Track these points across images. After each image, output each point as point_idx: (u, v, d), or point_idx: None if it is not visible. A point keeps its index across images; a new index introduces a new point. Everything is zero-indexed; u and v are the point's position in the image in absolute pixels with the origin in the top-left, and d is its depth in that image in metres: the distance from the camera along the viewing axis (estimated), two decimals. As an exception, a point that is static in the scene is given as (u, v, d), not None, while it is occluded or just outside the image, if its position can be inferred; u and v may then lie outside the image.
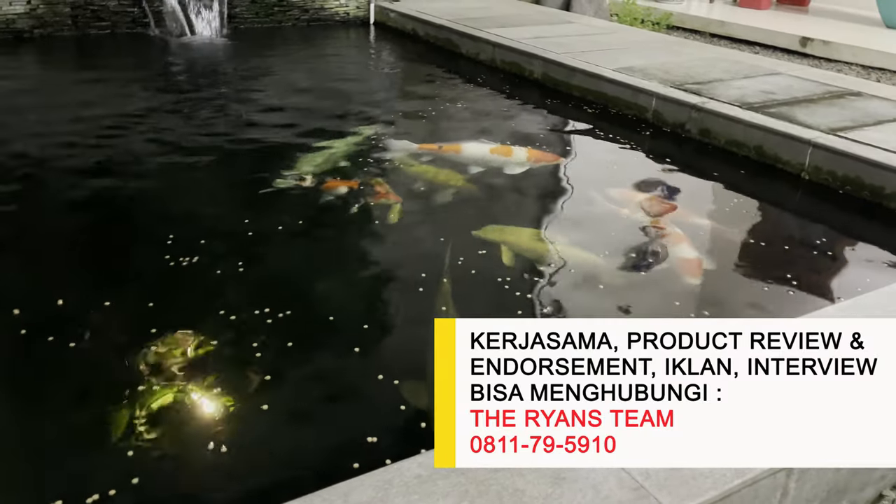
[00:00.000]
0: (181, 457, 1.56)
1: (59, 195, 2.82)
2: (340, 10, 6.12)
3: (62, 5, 5.07)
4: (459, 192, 2.88)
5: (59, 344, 1.85)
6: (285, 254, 2.41)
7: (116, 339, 1.89)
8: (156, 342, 1.83)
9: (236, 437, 1.59)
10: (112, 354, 1.83)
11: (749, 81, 4.03)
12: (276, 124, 3.63)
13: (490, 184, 3.03)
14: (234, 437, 1.59)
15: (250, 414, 1.66)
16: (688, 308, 2.20)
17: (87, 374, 1.78)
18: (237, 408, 1.68)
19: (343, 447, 1.58)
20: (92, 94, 4.08)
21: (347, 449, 1.56)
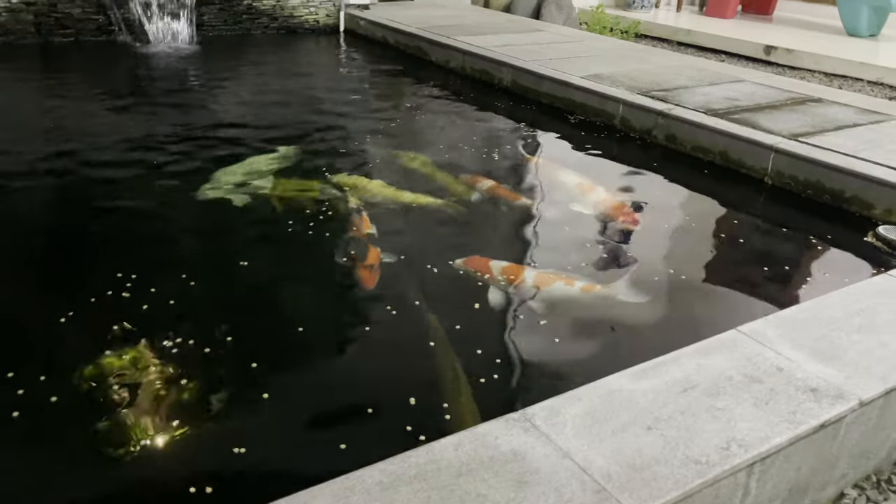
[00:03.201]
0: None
1: (10, 202, 2.77)
2: (310, 18, 6.11)
3: (25, 13, 4.99)
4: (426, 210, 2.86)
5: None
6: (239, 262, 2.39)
7: (69, 351, 1.86)
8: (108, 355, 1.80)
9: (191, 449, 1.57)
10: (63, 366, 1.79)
11: (714, 88, 4.09)
12: (228, 136, 3.58)
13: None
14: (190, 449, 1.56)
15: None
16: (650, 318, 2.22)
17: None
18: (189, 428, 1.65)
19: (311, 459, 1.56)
20: (52, 102, 4.01)
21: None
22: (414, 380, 1.80)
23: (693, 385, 1.49)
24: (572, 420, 1.36)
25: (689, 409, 1.41)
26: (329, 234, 2.54)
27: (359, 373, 1.87)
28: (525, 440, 1.30)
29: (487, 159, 3.43)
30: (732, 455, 1.30)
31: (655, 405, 1.42)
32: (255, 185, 2.89)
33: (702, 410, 1.41)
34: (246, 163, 3.12)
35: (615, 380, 1.49)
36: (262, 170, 3.05)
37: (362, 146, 3.56)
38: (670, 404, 1.42)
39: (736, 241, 2.82)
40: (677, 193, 3.25)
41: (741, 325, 1.72)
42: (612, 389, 1.46)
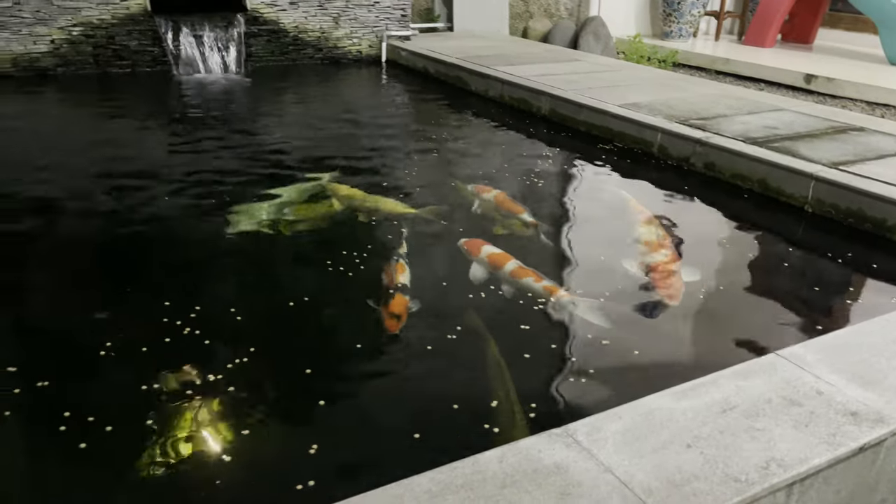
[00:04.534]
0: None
1: (70, 225, 2.91)
2: (353, 49, 6.29)
3: (85, 45, 5.25)
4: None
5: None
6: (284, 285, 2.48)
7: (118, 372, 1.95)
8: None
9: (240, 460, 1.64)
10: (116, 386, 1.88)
11: (752, 117, 4.11)
12: (272, 163, 3.70)
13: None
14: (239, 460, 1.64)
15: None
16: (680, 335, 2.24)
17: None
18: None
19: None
20: (108, 130, 4.22)
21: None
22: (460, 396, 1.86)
23: (732, 406, 1.52)
24: (613, 436, 1.40)
25: (728, 428, 1.44)
26: (369, 262, 2.62)
27: (406, 389, 1.93)
28: (567, 454, 1.35)
29: (527, 186, 3.50)
30: (772, 474, 1.33)
31: (695, 424, 1.45)
32: (299, 213, 2.99)
33: (741, 431, 1.44)
34: (291, 189, 3.23)
35: (655, 399, 1.53)
36: (305, 197, 3.16)
37: (403, 174, 3.65)
38: (710, 424, 1.46)
39: (776, 268, 2.82)
40: (716, 220, 3.27)
41: (780, 350, 1.74)
42: (652, 408, 1.50)
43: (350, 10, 6.17)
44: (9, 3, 4.95)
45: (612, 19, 8.49)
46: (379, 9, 6.28)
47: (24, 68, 5.12)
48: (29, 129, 4.18)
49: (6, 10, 4.96)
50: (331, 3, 6.05)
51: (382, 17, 6.33)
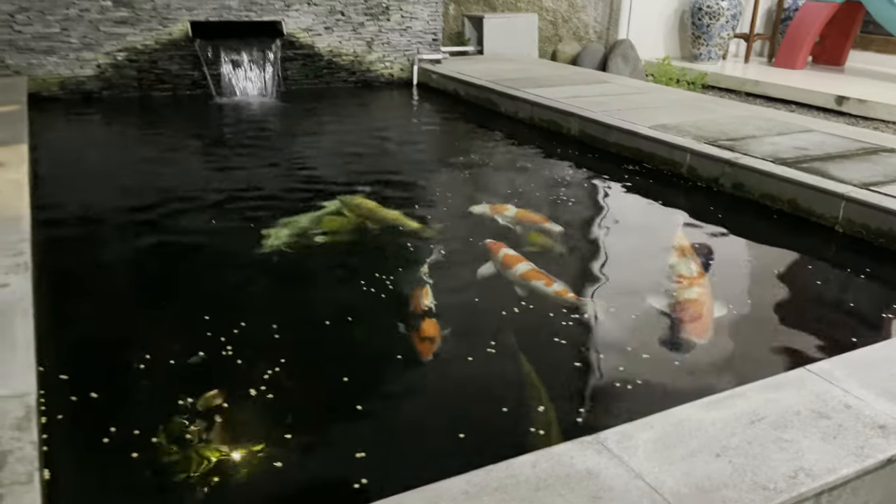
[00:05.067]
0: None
1: (115, 242, 3.04)
2: (385, 72, 6.44)
3: (129, 69, 5.45)
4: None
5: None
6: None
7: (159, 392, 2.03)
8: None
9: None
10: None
11: (782, 138, 4.13)
12: (305, 183, 3.81)
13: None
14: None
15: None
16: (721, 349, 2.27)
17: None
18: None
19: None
20: (148, 150, 4.39)
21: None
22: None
23: (761, 417, 1.55)
24: (644, 444, 1.45)
25: (756, 439, 1.48)
26: (398, 278, 2.69)
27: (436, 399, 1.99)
28: (599, 461, 1.40)
29: (557, 206, 3.56)
30: (800, 483, 1.36)
31: (724, 434, 1.49)
32: (328, 231, 3.07)
33: (769, 441, 1.47)
34: (320, 208, 3.31)
35: (685, 410, 1.57)
36: (335, 216, 3.25)
37: (432, 193, 3.74)
38: (739, 434, 1.49)
39: (806, 287, 2.84)
40: (746, 239, 3.29)
41: (809, 365, 1.77)
42: (681, 418, 1.54)
43: (383, 35, 6.32)
44: (57, 28, 5.17)
45: (640, 42, 8.55)
46: (411, 33, 6.43)
47: (71, 91, 5.33)
48: (74, 149, 4.35)
49: (55, 36, 5.18)
50: (364, 28, 6.21)
51: (414, 42, 6.47)
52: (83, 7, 5.17)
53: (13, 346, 1.67)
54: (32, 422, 1.42)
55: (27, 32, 5.10)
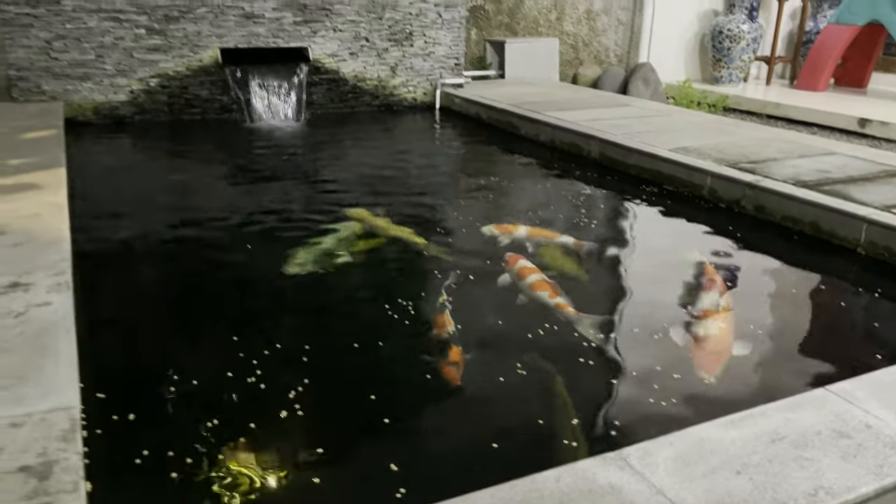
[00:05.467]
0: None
1: (145, 262, 3.14)
2: (409, 97, 6.55)
3: (160, 94, 5.62)
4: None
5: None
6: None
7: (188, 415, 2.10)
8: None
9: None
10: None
11: (803, 161, 4.15)
12: (330, 203, 3.89)
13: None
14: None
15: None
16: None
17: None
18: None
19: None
20: (179, 172, 4.52)
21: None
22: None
23: (781, 437, 1.58)
24: (664, 462, 1.48)
25: (777, 457, 1.50)
26: (419, 299, 2.75)
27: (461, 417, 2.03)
28: (621, 476, 1.43)
29: (577, 228, 3.60)
30: (820, 501, 1.38)
31: (745, 452, 1.52)
32: (351, 251, 3.14)
33: (790, 460, 1.50)
34: (343, 229, 3.38)
35: (705, 428, 1.60)
36: (358, 237, 3.32)
37: (457, 215, 3.80)
38: (759, 452, 1.52)
39: (827, 307, 2.85)
40: (767, 261, 3.31)
41: (830, 385, 1.79)
42: (702, 437, 1.57)
43: (407, 60, 6.44)
44: (93, 55, 5.35)
45: (661, 65, 8.61)
46: (434, 58, 6.55)
47: (105, 116, 5.50)
48: (107, 172, 4.49)
49: (91, 63, 5.36)
50: (388, 54, 6.34)
51: (437, 66, 6.59)
52: (118, 35, 5.35)
53: (57, 362, 1.75)
54: (77, 433, 1.49)
55: (63, 59, 5.28)
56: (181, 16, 5.50)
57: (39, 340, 1.85)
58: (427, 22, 6.42)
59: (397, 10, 6.26)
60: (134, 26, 5.38)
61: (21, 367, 1.72)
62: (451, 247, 3.31)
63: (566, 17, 8.41)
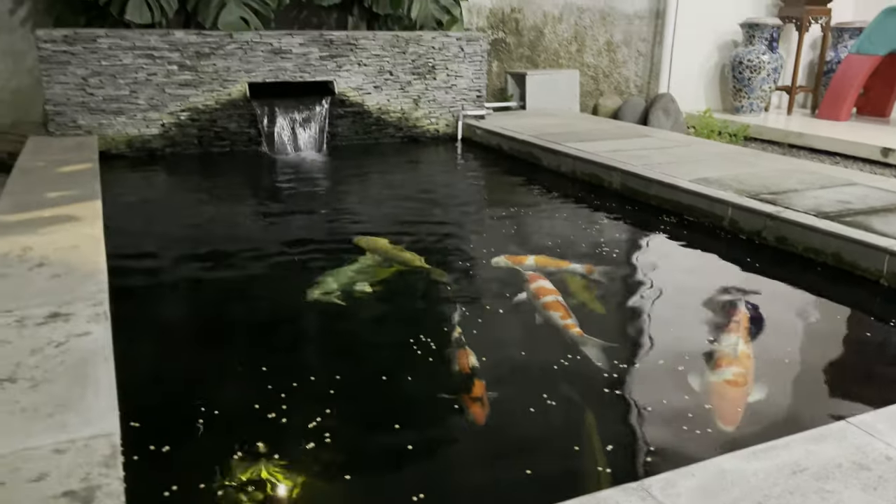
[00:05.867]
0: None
1: (174, 292, 3.23)
2: (431, 128, 6.67)
3: (190, 127, 5.78)
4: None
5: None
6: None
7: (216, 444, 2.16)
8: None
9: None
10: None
11: (825, 191, 4.17)
12: (352, 233, 3.97)
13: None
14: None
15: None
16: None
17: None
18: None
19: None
20: (208, 202, 4.65)
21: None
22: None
23: (802, 469, 1.60)
24: (686, 492, 1.51)
25: (798, 489, 1.52)
26: (441, 331, 2.80)
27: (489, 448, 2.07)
28: (643, 506, 1.46)
29: (597, 258, 3.64)
30: (841, 533, 1.40)
31: (766, 484, 1.54)
32: (372, 281, 3.20)
33: (811, 492, 1.52)
34: (364, 259, 3.45)
35: (727, 459, 1.63)
36: (377, 267, 3.38)
37: (478, 246, 3.86)
38: (780, 484, 1.54)
39: (849, 339, 2.85)
40: (790, 292, 3.32)
41: (851, 417, 1.81)
42: (724, 468, 1.60)
43: (429, 93, 6.58)
44: (127, 91, 5.54)
45: (681, 95, 8.67)
46: (456, 90, 6.68)
47: (137, 149, 5.67)
48: (139, 203, 4.63)
49: (124, 98, 5.55)
50: (411, 87, 6.48)
51: (459, 98, 6.71)
52: (151, 71, 5.53)
53: (97, 390, 1.82)
54: (117, 459, 1.55)
55: (99, 95, 5.47)
56: (212, 52, 5.69)
57: (80, 369, 1.93)
58: (449, 56, 6.56)
59: (420, 44, 6.41)
60: (167, 62, 5.57)
61: (63, 396, 1.79)
62: (472, 277, 3.37)
63: (586, 49, 8.53)
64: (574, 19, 8.36)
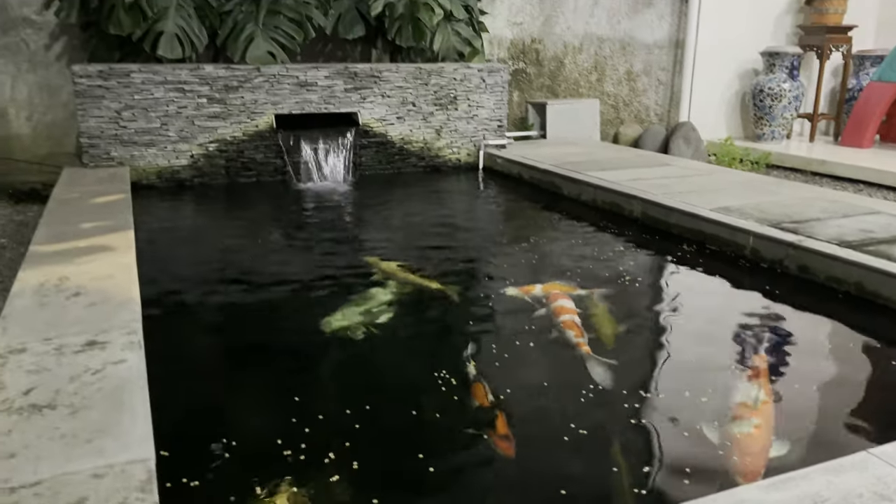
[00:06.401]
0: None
1: (199, 321, 3.31)
2: (453, 158, 6.77)
3: (218, 158, 5.94)
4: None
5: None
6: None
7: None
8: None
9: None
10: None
11: (847, 220, 4.17)
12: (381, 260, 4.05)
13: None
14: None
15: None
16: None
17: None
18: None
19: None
20: (235, 231, 4.76)
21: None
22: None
23: (823, 500, 1.61)
24: (707, 522, 1.53)
25: (818, 520, 1.54)
26: (461, 361, 2.84)
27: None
28: (663, 535, 1.49)
29: (617, 287, 3.67)
30: (862, 564, 1.41)
31: (786, 514, 1.56)
32: (399, 313, 3.26)
33: (831, 523, 1.53)
34: (385, 288, 3.51)
35: (747, 490, 1.65)
36: (398, 296, 3.44)
37: (498, 273, 3.91)
38: (800, 515, 1.56)
39: (871, 368, 2.84)
40: (812, 320, 3.32)
41: (872, 448, 1.82)
42: (744, 498, 1.62)
43: (451, 123, 6.69)
44: (158, 123, 5.71)
45: (702, 123, 8.70)
46: (477, 120, 6.78)
47: (167, 180, 5.82)
48: (168, 232, 4.75)
49: (156, 130, 5.72)
50: (434, 117, 6.60)
51: (480, 128, 6.81)
52: (182, 104, 5.71)
53: (133, 417, 1.89)
54: (153, 485, 1.61)
55: (131, 128, 5.64)
56: (240, 85, 5.85)
57: (116, 396, 2.00)
58: (471, 87, 6.68)
59: (442, 75, 6.54)
60: (196, 96, 5.74)
61: (101, 422, 1.86)
62: (492, 304, 3.41)
63: (606, 78, 8.61)
64: (594, 49, 8.47)
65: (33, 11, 6.17)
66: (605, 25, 8.44)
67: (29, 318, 2.55)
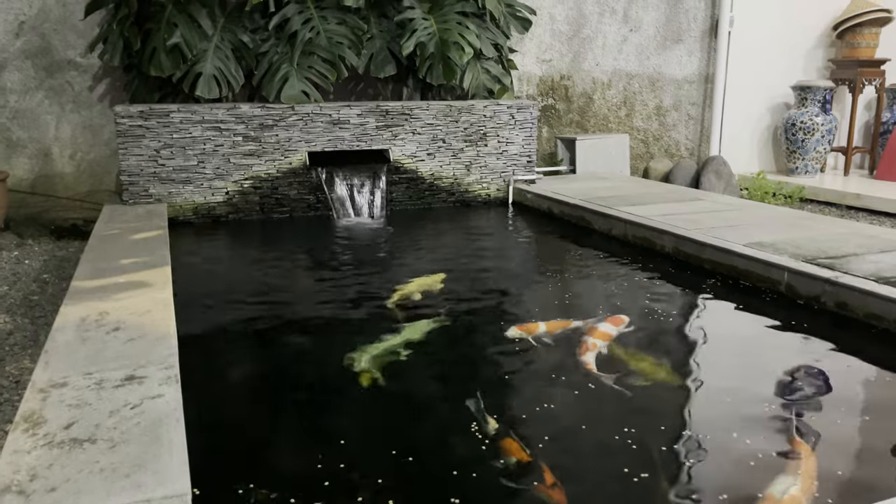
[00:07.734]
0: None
1: (232, 359, 3.35)
2: (482, 193, 6.82)
3: (252, 195, 6.06)
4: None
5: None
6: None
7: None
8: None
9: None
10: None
11: (884, 256, 4.10)
12: (406, 298, 4.08)
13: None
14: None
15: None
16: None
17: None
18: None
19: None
20: (268, 267, 4.83)
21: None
22: None
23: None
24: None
25: (862, 567, 1.50)
26: (492, 403, 2.83)
27: None
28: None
29: (649, 323, 3.64)
30: None
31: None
32: (428, 353, 3.27)
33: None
34: (413, 326, 3.52)
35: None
36: (426, 335, 3.45)
37: (529, 310, 3.91)
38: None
39: (918, 412, 2.77)
40: (851, 359, 3.25)
41: (917, 493, 1.77)
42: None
43: (481, 159, 6.76)
44: (195, 161, 5.86)
45: (733, 158, 8.67)
46: (506, 156, 6.84)
47: (203, 216, 5.95)
48: (204, 267, 4.84)
49: (192, 168, 5.87)
50: (463, 153, 6.67)
51: (510, 164, 6.86)
52: (218, 143, 5.86)
53: (171, 452, 1.92)
54: (189, 519, 1.63)
55: (169, 166, 5.80)
56: (274, 123, 6.00)
57: (154, 431, 2.03)
58: (501, 123, 6.75)
59: (472, 112, 6.63)
60: (232, 134, 5.89)
61: (139, 456, 1.89)
62: (520, 343, 3.41)
63: (636, 113, 8.64)
64: (623, 85, 8.52)
65: (78, 54, 6.43)
66: (633, 61, 8.50)
67: (70, 352, 2.62)
